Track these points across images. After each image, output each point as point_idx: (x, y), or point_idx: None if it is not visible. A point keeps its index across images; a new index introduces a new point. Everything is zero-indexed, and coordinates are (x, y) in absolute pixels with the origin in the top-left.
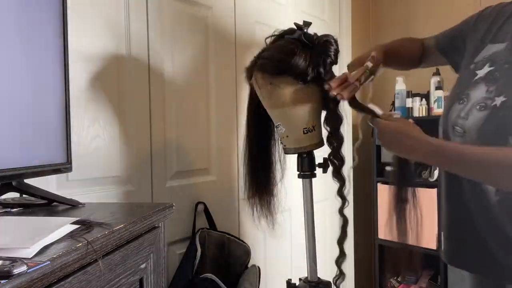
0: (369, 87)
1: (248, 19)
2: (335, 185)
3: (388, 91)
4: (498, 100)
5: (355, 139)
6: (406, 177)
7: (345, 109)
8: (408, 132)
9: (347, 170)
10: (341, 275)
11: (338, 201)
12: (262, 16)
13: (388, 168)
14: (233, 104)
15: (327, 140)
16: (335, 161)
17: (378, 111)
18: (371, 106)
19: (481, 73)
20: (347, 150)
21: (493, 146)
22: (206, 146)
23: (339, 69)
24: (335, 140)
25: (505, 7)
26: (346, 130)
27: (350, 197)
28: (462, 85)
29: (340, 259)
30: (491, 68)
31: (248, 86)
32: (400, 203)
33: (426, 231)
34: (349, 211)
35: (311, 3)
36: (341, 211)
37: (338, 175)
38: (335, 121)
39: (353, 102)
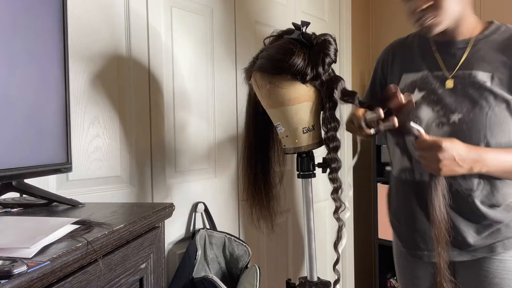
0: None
1: (248, 19)
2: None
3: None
4: (454, 117)
5: (354, 140)
6: None
7: (345, 109)
8: (465, 145)
9: (347, 171)
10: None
11: None
12: (262, 16)
13: (390, 168)
14: (233, 104)
15: (324, 141)
16: (331, 163)
17: (420, 131)
18: (413, 125)
19: (414, 97)
20: (347, 150)
21: None
22: (206, 146)
23: (339, 69)
24: (331, 142)
25: (396, 45)
26: (346, 131)
27: (350, 197)
28: None
29: (336, 263)
30: (423, 93)
31: (247, 86)
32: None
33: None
34: (348, 212)
35: (311, 3)
36: (334, 214)
37: (332, 177)
38: (331, 123)
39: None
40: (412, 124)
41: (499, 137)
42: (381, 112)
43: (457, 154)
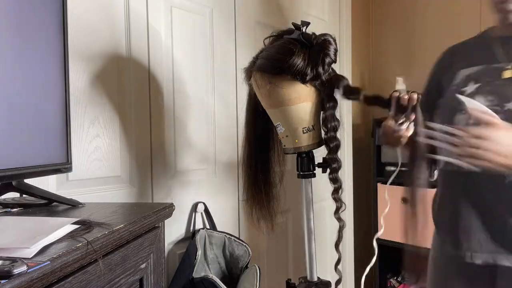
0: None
1: (248, 19)
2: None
3: (388, 91)
4: (509, 106)
5: (355, 140)
6: (421, 177)
7: (345, 110)
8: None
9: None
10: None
11: None
12: (262, 16)
13: (390, 168)
14: (233, 104)
15: (324, 141)
16: (331, 163)
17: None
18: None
19: (469, 89)
20: (347, 151)
21: None
22: (206, 146)
23: (339, 69)
24: (331, 142)
25: (455, 46)
26: (346, 130)
27: (350, 197)
28: (454, 100)
29: (337, 263)
30: (478, 84)
31: (247, 86)
32: (413, 205)
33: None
34: (348, 212)
35: (311, 3)
36: (335, 214)
37: (333, 178)
38: (331, 123)
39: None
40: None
41: None
42: (395, 93)
43: (509, 146)
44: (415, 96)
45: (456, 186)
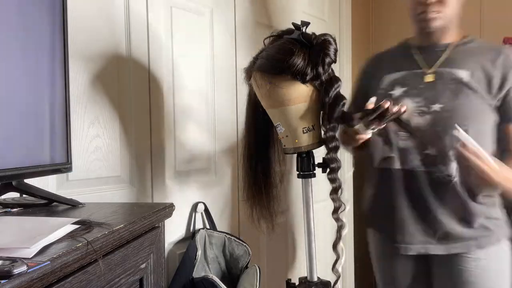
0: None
1: (248, 19)
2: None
3: None
4: (436, 107)
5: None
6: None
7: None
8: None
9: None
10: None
11: None
12: (262, 16)
13: None
14: (233, 104)
15: (324, 141)
16: (330, 163)
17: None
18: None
19: (396, 92)
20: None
21: (443, 140)
22: (206, 145)
23: (339, 68)
24: (330, 142)
25: (379, 54)
26: None
27: (350, 198)
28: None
29: (335, 263)
30: (405, 88)
31: (247, 86)
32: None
33: None
34: (349, 212)
35: (311, 3)
36: (333, 214)
37: (332, 178)
38: (330, 123)
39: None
40: (459, 129)
41: (478, 126)
42: (386, 103)
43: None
44: (403, 109)
45: (393, 183)
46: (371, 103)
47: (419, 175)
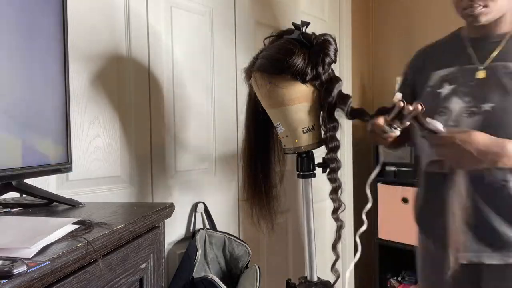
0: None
1: (248, 19)
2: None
3: (388, 91)
4: (486, 106)
5: (355, 140)
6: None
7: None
8: (486, 138)
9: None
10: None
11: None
12: (262, 16)
13: (390, 168)
14: (233, 104)
15: (324, 141)
16: (330, 163)
17: (439, 127)
18: (430, 120)
19: (444, 91)
20: (347, 151)
21: None
22: (206, 145)
23: (339, 69)
24: (330, 142)
25: (428, 47)
26: (346, 131)
27: (350, 198)
28: (431, 102)
29: (334, 263)
30: (453, 86)
31: (247, 86)
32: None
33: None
34: (348, 212)
35: (311, 3)
36: (333, 214)
37: (331, 178)
38: (331, 123)
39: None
40: (429, 120)
41: None
42: (401, 102)
43: (475, 149)
44: (419, 107)
45: (439, 187)
46: (397, 99)
47: (469, 180)
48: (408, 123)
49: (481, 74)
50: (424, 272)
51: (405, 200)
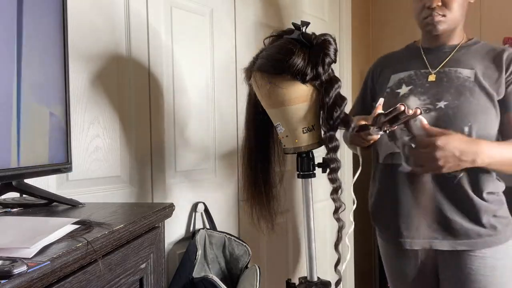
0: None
1: (248, 19)
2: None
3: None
4: (441, 104)
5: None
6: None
7: (345, 110)
8: (464, 139)
9: (349, 187)
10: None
11: None
12: (262, 16)
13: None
14: (233, 104)
15: (324, 141)
16: (330, 163)
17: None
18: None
19: (402, 91)
20: (347, 151)
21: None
22: (206, 145)
23: (339, 69)
24: (330, 142)
25: (387, 56)
26: None
27: (350, 198)
28: (391, 100)
29: (337, 263)
30: (411, 87)
31: (247, 86)
32: None
33: None
34: (348, 212)
35: (311, 3)
36: (334, 214)
37: (332, 178)
38: (330, 123)
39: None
40: (414, 121)
41: (482, 123)
42: (402, 106)
43: (457, 150)
44: (418, 111)
45: (397, 178)
46: (379, 105)
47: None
48: (396, 126)
49: (432, 77)
50: (387, 267)
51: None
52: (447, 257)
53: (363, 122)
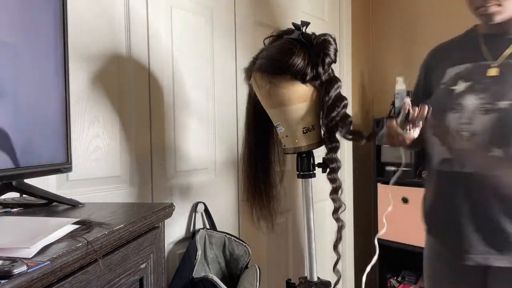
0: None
1: (248, 19)
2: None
3: (388, 91)
4: (502, 104)
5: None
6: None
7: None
8: None
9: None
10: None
11: None
12: (262, 16)
13: (389, 168)
14: (233, 104)
15: (323, 141)
16: (330, 163)
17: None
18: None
19: (459, 88)
20: (347, 151)
21: (507, 141)
22: (206, 146)
23: (339, 69)
24: (330, 142)
25: (441, 46)
26: None
27: (350, 198)
28: (444, 99)
29: (336, 263)
30: (469, 83)
31: (247, 86)
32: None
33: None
34: (348, 212)
35: (311, 3)
36: (333, 214)
37: (331, 178)
38: (329, 123)
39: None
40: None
41: None
42: (406, 105)
43: None
44: (426, 108)
45: (451, 187)
46: (407, 104)
47: (481, 180)
48: (421, 124)
49: (492, 72)
50: (429, 272)
51: (405, 200)
52: (501, 273)
53: (393, 122)
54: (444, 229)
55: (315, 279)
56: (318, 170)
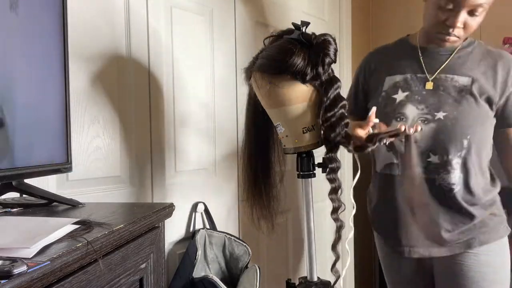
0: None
1: (248, 19)
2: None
3: None
4: (439, 115)
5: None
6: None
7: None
8: None
9: (347, 190)
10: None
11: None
12: (262, 16)
13: None
14: (233, 104)
15: (323, 141)
16: (329, 163)
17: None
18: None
19: (399, 97)
20: (347, 151)
21: (447, 149)
22: (206, 145)
23: (339, 69)
24: (329, 142)
25: (384, 49)
26: None
27: (349, 198)
28: (387, 107)
29: (334, 263)
30: (407, 93)
31: (247, 86)
32: None
33: None
34: (348, 212)
35: (311, 4)
36: (332, 214)
37: (331, 178)
38: (328, 123)
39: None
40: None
41: (479, 135)
42: (402, 127)
43: None
44: (419, 128)
45: (395, 188)
46: (372, 113)
47: (420, 183)
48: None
49: (429, 86)
50: (386, 271)
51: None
52: (443, 260)
53: (358, 130)
54: (390, 226)
55: (315, 279)
56: (318, 170)
